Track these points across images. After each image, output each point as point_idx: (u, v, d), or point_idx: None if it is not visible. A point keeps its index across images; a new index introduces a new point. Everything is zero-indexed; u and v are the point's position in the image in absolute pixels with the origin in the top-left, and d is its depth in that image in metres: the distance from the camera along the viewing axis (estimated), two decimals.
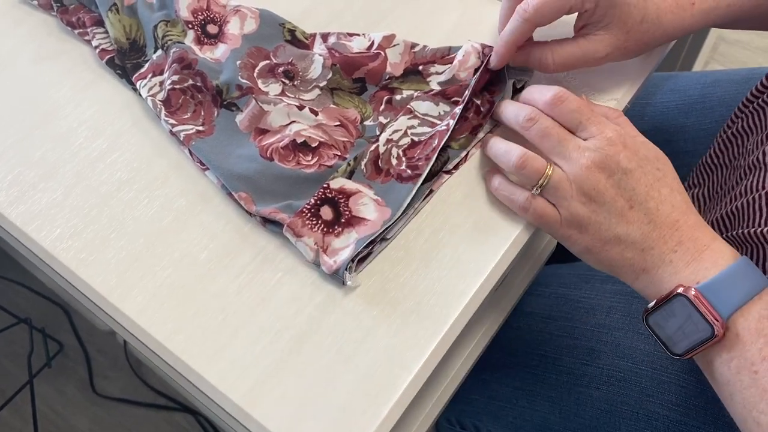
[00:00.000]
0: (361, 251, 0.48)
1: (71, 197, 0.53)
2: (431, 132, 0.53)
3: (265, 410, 0.44)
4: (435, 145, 0.52)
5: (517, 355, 0.65)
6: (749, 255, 0.52)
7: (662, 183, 0.47)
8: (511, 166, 0.48)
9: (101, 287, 0.49)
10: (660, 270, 0.46)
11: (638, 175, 0.46)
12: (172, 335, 0.47)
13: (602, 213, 0.46)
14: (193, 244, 0.50)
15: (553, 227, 0.48)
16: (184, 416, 1.23)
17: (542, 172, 0.47)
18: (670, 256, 0.45)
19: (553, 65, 0.52)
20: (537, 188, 0.48)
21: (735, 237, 0.53)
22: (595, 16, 0.50)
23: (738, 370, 0.42)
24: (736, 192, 0.56)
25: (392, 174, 0.52)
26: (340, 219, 0.50)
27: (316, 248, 0.48)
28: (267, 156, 0.52)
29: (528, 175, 0.48)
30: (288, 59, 0.57)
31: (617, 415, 0.58)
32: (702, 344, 0.43)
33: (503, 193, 0.50)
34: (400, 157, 0.52)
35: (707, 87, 0.76)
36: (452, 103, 0.54)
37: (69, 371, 1.28)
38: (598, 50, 0.51)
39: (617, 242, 0.47)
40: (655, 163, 0.47)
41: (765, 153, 0.54)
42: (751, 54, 1.71)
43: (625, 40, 0.51)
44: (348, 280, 0.47)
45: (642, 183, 0.46)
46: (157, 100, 0.55)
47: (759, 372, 0.41)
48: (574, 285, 0.67)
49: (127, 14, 0.60)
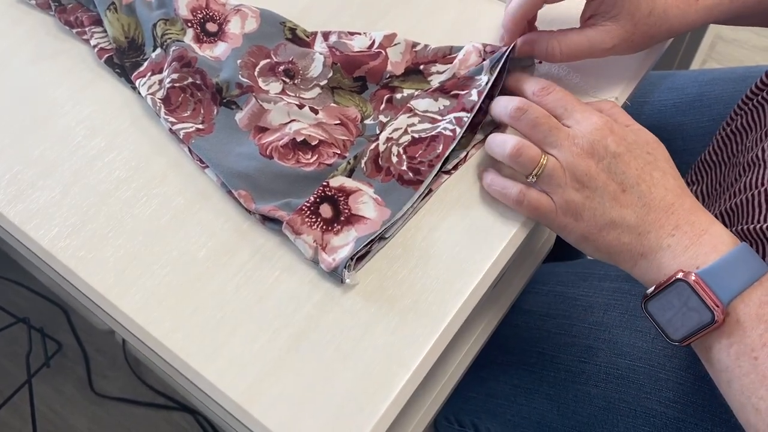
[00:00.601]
0: (360, 250, 0.48)
1: (69, 196, 0.53)
2: (433, 129, 0.53)
3: (264, 408, 0.44)
4: (440, 152, 0.51)
5: (515, 353, 0.65)
6: None
7: (653, 166, 0.47)
8: (506, 155, 0.48)
9: (99, 285, 0.49)
10: (658, 254, 0.46)
11: (627, 158, 0.47)
12: (171, 333, 0.47)
13: (596, 198, 0.47)
14: (191, 242, 0.50)
15: (549, 217, 0.48)
16: (183, 415, 1.23)
17: (537, 161, 0.47)
18: (668, 241, 0.45)
19: (560, 54, 0.52)
20: (532, 177, 0.48)
21: (735, 233, 0.53)
22: (605, 5, 0.50)
23: (737, 356, 0.42)
24: (735, 189, 0.57)
25: (393, 173, 0.52)
26: (339, 217, 0.50)
27: (315, 246, 0.48)
28: (267, 154, 0.52)
29: (523, 164, 0.48)
30: (289, 58, 0.58)
31: (615, 412, 0.59)
32: (701, 330, 0.43)
33: (495, 188, 0.50)
34: (400, 155, 0.52)
35: (704, 85, 0.76)
36: (451, 97, 0.54)
37: (68, 371, 1.28)
38: (605, 41, 0.51)
39: (613, 227, 0.47)
40: (645, 147, 0.48)
41: (764, 150, 0.54)
42: (748, 53, 1.71)
43: (633, 32, 0.51)
44: (347, 278, 0.47)
45: (632, 166, 0.47)
46: (156, 99, 0.55)
47: (759, 358, 0.41)
48: (572, 283, 0.67)
49: (126, 13, 0.60)
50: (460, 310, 0.47)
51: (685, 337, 0.44)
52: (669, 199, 0.46)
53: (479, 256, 0.49)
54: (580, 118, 0.48)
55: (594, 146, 0.47)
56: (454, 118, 0.53)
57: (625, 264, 0.48)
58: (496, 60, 0.53)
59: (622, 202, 0.46)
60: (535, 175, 0.48)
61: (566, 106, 0.49)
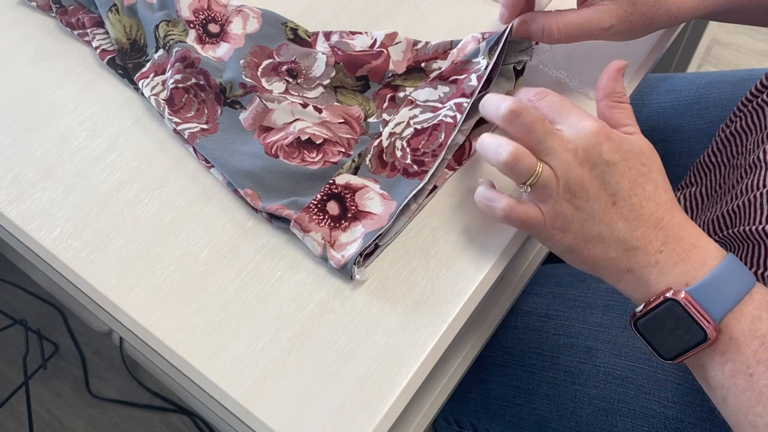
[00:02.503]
0: (368, 246, 0.48)
1: (71, 196, 0.53)
2: (434, 118, 0.53)
3: (267, 408, 0.44)
4: (442, 141, 0.52)
5: (515, 354, 0.66)
6: (749, 252, 0.52)
7: (647, 179, 0.45)
8: (501, 162, 0.45)
9: (101, 286, 0.49)
10: (646, 271, 0.44)
11: (622, 168, 0.45)
12: (173, 333, 0.47)
13: (586, 210, 0.45)
14: (193, 242, 0.50)
15: (537, 228, 0.47)
16: (180, 417, 1.23)
17: (533, 170, 0.45)
18: (656, 257, 0.44)
19: (558, 33, 0.51)
20: (526, 187, 0.46)
21: (735, 234, 0.54)
22: None
23: (732, 373, 0.42)
24: (736, 191, 0.57)
25: (398, 168, 0.52)
26: (346, 214, 0.50)
27: (323, 243, 0.49)
28: (272, 153, 0.53)
29: (519, 172, 0.45)
30: (291, 58, 0.58)
31: (615, 412, 0.59)
32: (694, 348, 0.43)
33: (481, 200, 0.48)
34: (404, 148, 0.52)
35: (702, 88, 0.76)
36: (450, 83, 0.54)
37: (64, 372, 1.27)
38: (603, 20, 0.51)
39: (600, 240, 0.45)
40: (640, 158, 0.46)
41: (765, 152, 0.54)
42: (743, 56, 1.72)
43: (631, 12, 0.51)
44: (356, 274, 0.47)
45: (626, 177, 0.45)
46: (160, 99, 0.56)
47: (754, 375, 0.41)
48: (571, 284, 0.67)
49: (127, 15, 0.60)
50: (461, 310, 0.48)
51: (678, 356, 0.44)
52: (659, 214, 0.45)
53: (481, 257, 0.49)
54: (575, 121, 0.46)
55: (588, 152, 0.45)
56: (455, 104, 0.53)
57: (610, 278, 0.46)
58: (493, 42, 0.53)
59: (612, 215, 0.45)
60: (530, 185, 0.46)
61: (561, 109, 0.47)
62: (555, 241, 0.47)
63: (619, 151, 0.45)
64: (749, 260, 0.52)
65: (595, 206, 0.45)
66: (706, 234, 0.46)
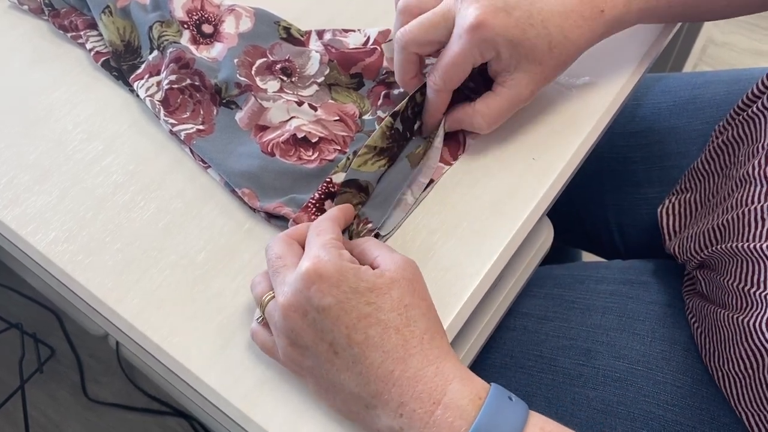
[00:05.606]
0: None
1: (67, 200, 0.52)
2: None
3: (265, 412, 0.44)
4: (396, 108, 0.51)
5: (513, 356, 0.65)
6: (740, 268, 0.52)
7: (371, 321, 0.39)
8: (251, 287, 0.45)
9: (97, 290, 0.48)
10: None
11: (336, 312, 0.39)
12: (170, 337, 0.47)
13: (309, 357, 0.41)
14: (190, 245, 0.50)
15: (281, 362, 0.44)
16: (177, 421, 1.22)
17: (260, 298, 0.43)
18: (398, 422, 0.38)
19: (487, 126, 0.52)
20: (260, 316, 0.44)
21: (727, 250, 0.54)
22: (503, 62, 0.49)
23: None
24: (727, 204, 0.57)
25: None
26: None
27: None
28: (268, 151, 0.53)
29: (255, 299, 0.44)
30: (285, 56, 0.58)
31: (613, 415, 0.59)
32: None
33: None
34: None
35: (697, 88, 0.76)
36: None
37: (61, 376, 1.27)
38: (521, 93, 0.50)
39: (336, 392, 0.41)
40: (367, 296, 0.40)
41: (754, 167, 0.54)
42: (738, 55, 1.73)
43: (542, 71, 0.49)
44: None
45: (342, 323, 0.39)
46: (155, 100, 0.55)
47: None
48: (569, 285, 0.67)
49: (121, 16, 0.60)
50: (458, 313, 0.47)
51: None
52: (388, 366, 0.39)
53: (477, 259, 0.49)
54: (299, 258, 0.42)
55: (297, 297, 0.40)
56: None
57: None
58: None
59: (337, 366, 0.40)
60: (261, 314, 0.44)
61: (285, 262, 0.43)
62: (302, 380, 0.43)
63: (334, 291, 0.39)
64: (741, 277, 0.52)
65: (318, 355, 0.40)
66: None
